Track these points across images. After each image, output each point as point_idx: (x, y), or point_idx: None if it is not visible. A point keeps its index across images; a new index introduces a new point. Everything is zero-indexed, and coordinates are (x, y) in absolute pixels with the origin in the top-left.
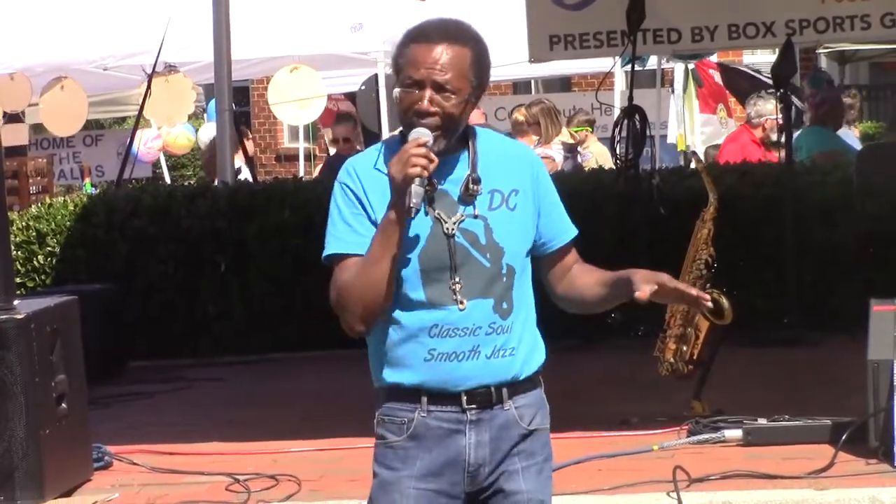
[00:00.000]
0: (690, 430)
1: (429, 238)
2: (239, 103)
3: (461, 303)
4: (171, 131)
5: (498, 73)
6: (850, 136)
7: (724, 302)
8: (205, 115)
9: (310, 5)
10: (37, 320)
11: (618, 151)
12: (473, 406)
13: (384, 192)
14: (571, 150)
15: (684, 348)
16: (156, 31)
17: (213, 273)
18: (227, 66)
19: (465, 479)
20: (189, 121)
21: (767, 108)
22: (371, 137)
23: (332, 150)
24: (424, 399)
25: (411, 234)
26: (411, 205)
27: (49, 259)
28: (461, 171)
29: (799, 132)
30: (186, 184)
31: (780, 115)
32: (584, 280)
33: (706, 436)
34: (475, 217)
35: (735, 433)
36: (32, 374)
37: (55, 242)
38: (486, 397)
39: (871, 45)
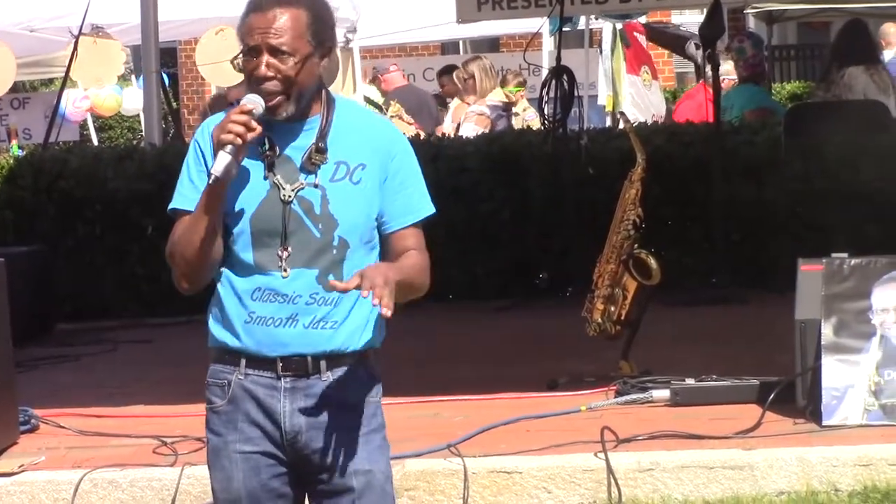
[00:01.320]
0: (618, 390)
1: (264, 202)
2: (166, 65)
3: (285, 270)
4: (98, 93)
5: (426, 33)
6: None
7: (652, 262)
8: (132, 77)
9: None
10: None
11: (546, 112)
12: (288, 373)
13: None
14: (507, 109)
15: (612, 308)
16: None
17: (141, 235)
18: (154, 28)
19: (285, 445)
20: (118, 82)
21: (725, 69)
22: None
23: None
24: (243, 361)
25: (247, 196)
26: (212, 171)
27: None
28: (308, 138)
29: (729, 90)
30: (113, 145)
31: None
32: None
33: (634, 396)
34: (315, 186)
35: (663, 393)
36: None
37: None
38: (301, 366)
39: (799, 6)
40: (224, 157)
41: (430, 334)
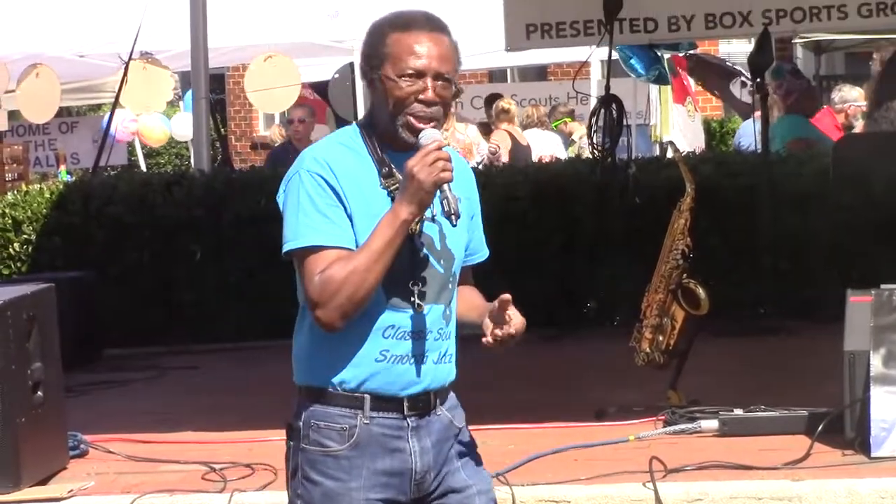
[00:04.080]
0: (667, 420)
1: None
2: (214, 91)
3: (419, 305)
4: (147, 122)
5: (474, 61)
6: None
7: (701, 292)
8: (180, 104)
9: None
10: (13, 308)
11: (594, 141)
12: (414, 413)
13: (360, 187)
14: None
15: (660, 338)
16: (132, 19)
17: (189, 261)
18: (204, 54)
19: (412, 487)
20: (165, 109)
21: (852, 95)
22: (344, 125)
23: (277, 137)
24: (367, 403)
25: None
26: (452, 211)
27: (25, 247)
28: None
29: (773, 122)
30: (162, 171)
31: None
32: (461, 297)
33: (682, 426)
34: (433, 220)
35: (711, 423)
36: (8, 362)
37: (31, 230)
38: (426, 403)
39: (847, 35)
40: (454, 196)
41: (477, 363)
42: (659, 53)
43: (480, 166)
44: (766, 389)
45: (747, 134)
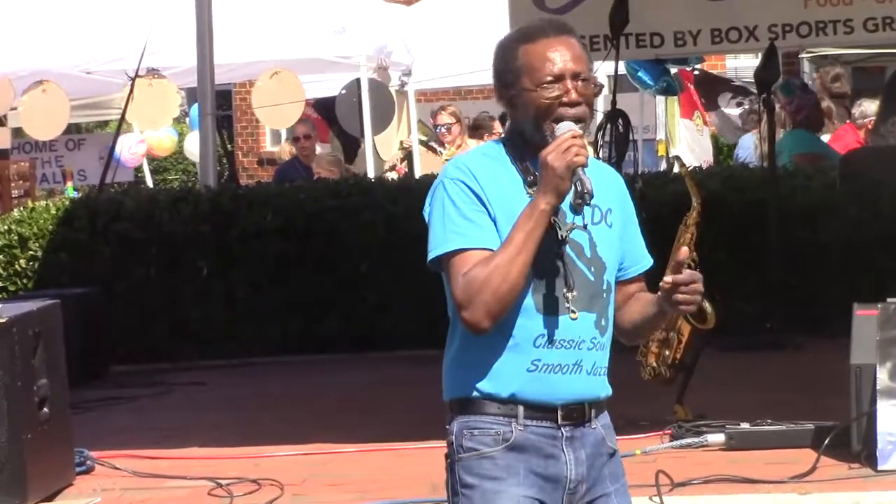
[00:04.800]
0: (673, 434)
1: (542, 241)
2: (221, 107)
3: (573, 312)
4: (154, 133)
5: (481, 77)
6: None
7: (707, 306)
8: (187, 120)
9: (293, 9)
10: (19, 324)
11: (601, 156)
12: (568, 423)
13: (504, 194)
14: None
15: (667, 352)
16: (139, 35)
17: (195, 277)
18: (210, 70)
19: (564, 496)
20: (172, 125)
21: (872, 109)
22: (350, 141)
23: (286, 155)
24: (521, 412)
25: None
26: (585, 191)
27: (31, 263)
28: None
29: (781, 136)
30: (169, 188)
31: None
32: (632, 304)
33: (689, 440)
34: (583, 228)
35: (718, 437)
36: (14, 379)
37: (37, 246)
38: (580, 414)
39: (854, 50)
40: (587, 178)
41: None
42: (667, 67)
43: None
44: (773, 403)
45: (745, 147)
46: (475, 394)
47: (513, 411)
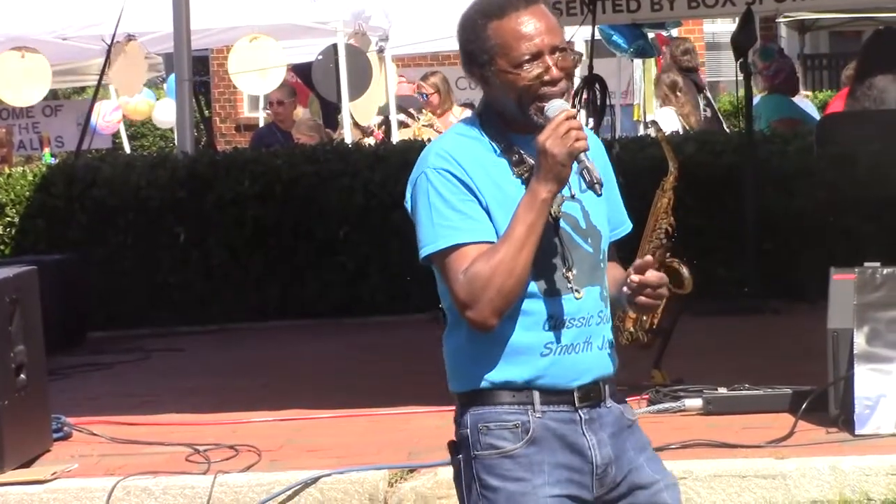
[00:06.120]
0: (651, 399)
1: None
2: (199, 73)
3: (577, 291)
4: (129, 99)
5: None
6: (807, 103)
7: (685, 271)
8: (164, 85)
9: None
10: None
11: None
12: (585, 404)
13: (492, 178)
14: None
15: (644, 317)
16: (115, 1)
17: (173, 243)
18: (187, 36)
19: (594, 482)
20: (150, 89)
21: None
22: (329, 108)
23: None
24: (537, 398)
25: None
26: (595, 181)
27: (8, 229)
28: None
29: (756, 100)
30: (146, 154)
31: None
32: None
33: (666, 405)
34: (572, 198)
35: (695, 402)
36: None
37: (14, 213)
38: (596, 393)
39: (831, 14)
40: (591, 162)
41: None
42: (644, 31)
43: None
44: (750, 368)
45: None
46: (488, 384)
47: (528, 398)
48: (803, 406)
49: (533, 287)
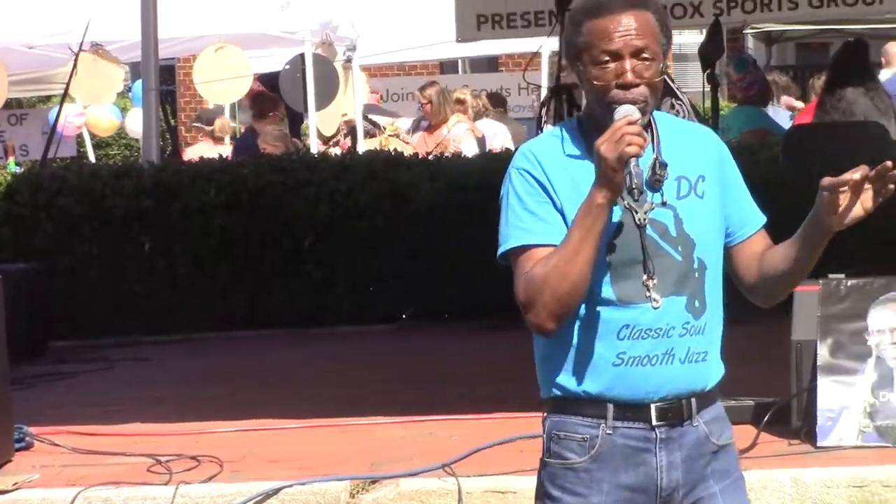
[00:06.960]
0: None
1: (617, 229)
2: (165, 82)
3: (655, 300)
4: (95, 113)
5: (425, 52)
6: (781, 112)
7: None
8: (129, 95)
9: None
10: None
11: (545, 131)
12: (663, 423)
13: (572, 179)
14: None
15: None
16: (82, 9)
17: (139, 252)
18: (154, 45)
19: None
20: (116, 100)
21: None
22: (295, 117)
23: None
24: (610, 411)
25: None
26: (634, 186)
27: None
28: (645, 155)
29: (727, 111)
30: (112, 163)
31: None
32: (773, 256)
33: None
34: (664, 205)
35: None
36: None
37: None
38: (676, 411)
39: (798, 26)
40: (639, 171)
41: (425, 353)
42: None
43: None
44: None
45: None
46: (562, 393)
47: (602, 412)
48: (766, 418)
49: (609, 294)
